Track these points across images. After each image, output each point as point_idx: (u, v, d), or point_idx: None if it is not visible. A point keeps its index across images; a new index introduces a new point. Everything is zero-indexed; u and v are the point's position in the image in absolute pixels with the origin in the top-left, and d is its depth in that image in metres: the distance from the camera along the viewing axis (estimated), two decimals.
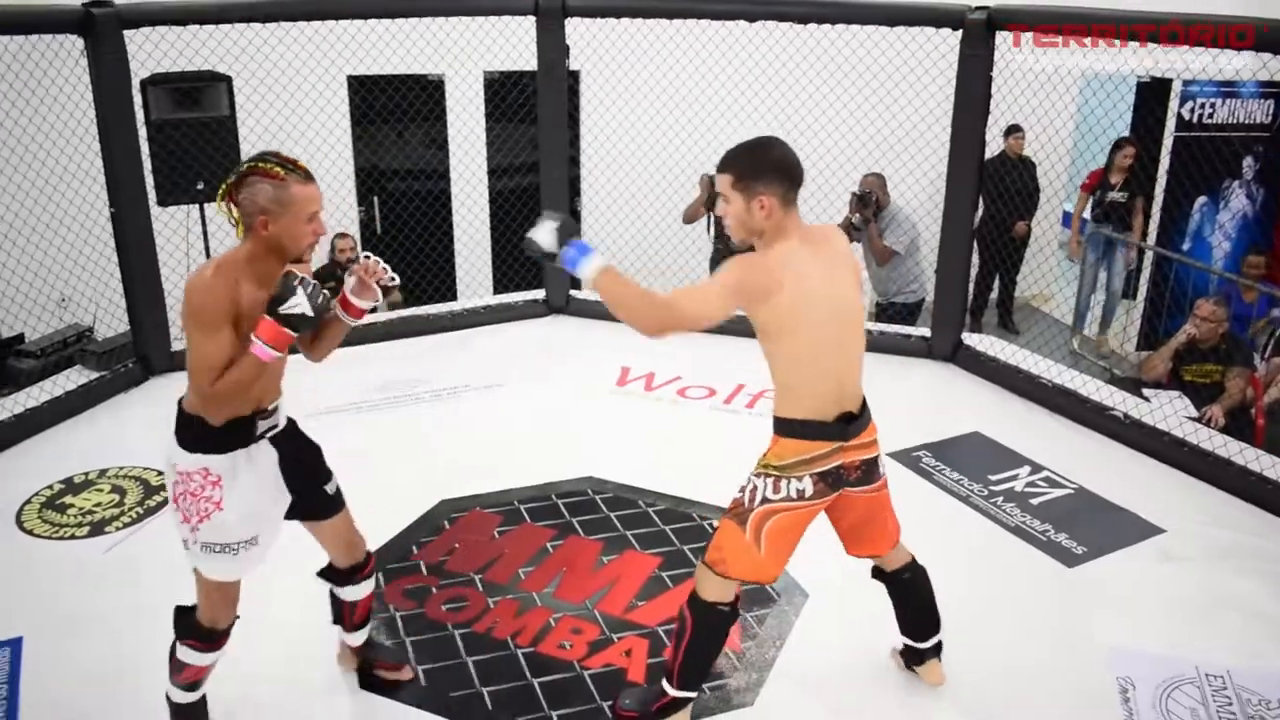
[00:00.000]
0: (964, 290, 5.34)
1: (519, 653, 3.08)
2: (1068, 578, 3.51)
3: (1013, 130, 7.34)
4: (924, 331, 5.47)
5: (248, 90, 5.59)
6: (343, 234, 6.64)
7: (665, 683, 2.68)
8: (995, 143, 6.37)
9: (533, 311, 5.98)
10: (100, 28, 4.43)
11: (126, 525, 3.76)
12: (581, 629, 3.20)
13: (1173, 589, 3.46)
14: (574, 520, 3.84)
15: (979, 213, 5.18)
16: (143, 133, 4.85)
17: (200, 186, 4.99)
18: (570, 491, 4.04)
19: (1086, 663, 3.06)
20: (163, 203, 5.06)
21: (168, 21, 4.74)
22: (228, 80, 5.13)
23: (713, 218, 6.05)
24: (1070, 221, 7.49)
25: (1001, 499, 4.00)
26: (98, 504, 3.92)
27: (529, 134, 7.06)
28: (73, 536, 3.71)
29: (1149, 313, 7.12)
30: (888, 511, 2.71)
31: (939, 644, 2.91)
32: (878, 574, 2.86)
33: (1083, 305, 7.24)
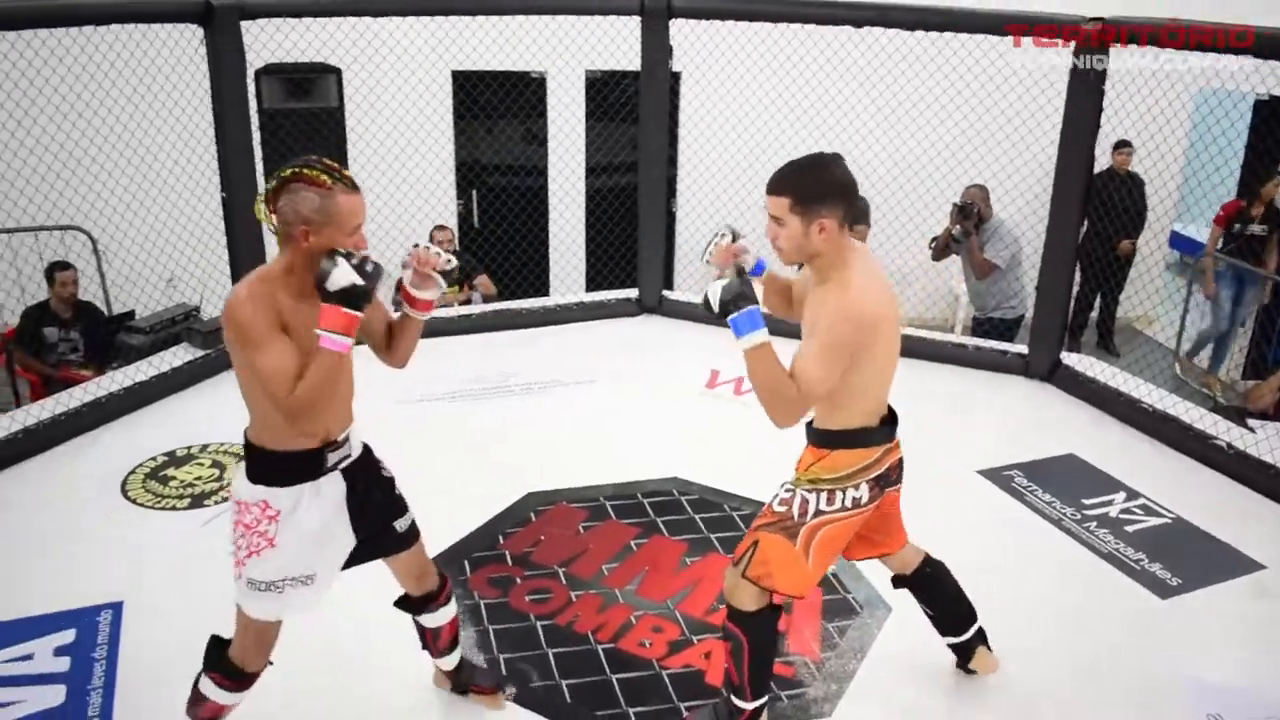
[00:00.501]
0: (1065, 308, 5.20)
1: (599, 648, 3.10)
2: (1161, 609, 3.41)
3: (1121, 145, 7.15)
4: (1021, 349, 5.35)
5: (356, 82, 5.73)
6: (441, 226, 6.73)
7: (738, 700, 2.63)
8: (1103, 158, 6.22)
9: (625, 310, 6.00)
10: (220, 19, 4.57)
11: (224, 500, 3.86)
12: (662, 628, 3.21)
13: (1269, 626, 3.34)
14: (658, 520, 3.84)
15: (1083, 229, 5.05)
16: (254, 121, 4.99)
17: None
18: (655, 491, 4.05)
19: (1176, 696, 2.97)
20: None
21: (284, 14, 4.89)
22: (338, 72, 5.26)
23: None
24: (1181, 243, 7.25)
25: (1095, 524, 3.89)
26: (198, 478, 4.05)
27: (628, 133, 7.10)
28: (173, 508, 3.84)
29: (1258, 338, 6.87)
30: (898, 507, 2.69)
31: (981, 631, 2.88)
32: (899, 582, 2.85)
33: (1204, 339, 7.02)
